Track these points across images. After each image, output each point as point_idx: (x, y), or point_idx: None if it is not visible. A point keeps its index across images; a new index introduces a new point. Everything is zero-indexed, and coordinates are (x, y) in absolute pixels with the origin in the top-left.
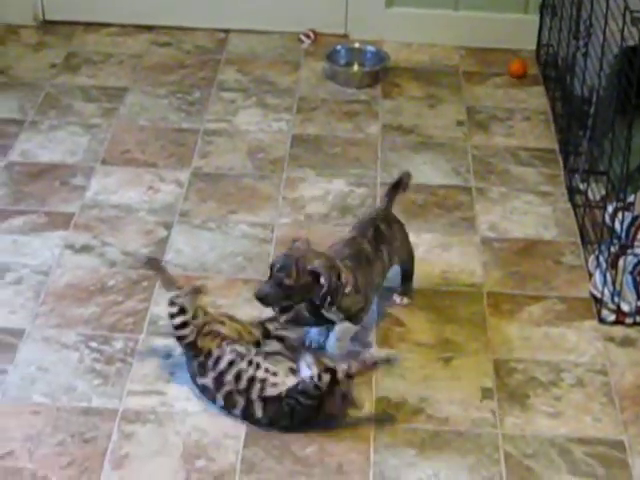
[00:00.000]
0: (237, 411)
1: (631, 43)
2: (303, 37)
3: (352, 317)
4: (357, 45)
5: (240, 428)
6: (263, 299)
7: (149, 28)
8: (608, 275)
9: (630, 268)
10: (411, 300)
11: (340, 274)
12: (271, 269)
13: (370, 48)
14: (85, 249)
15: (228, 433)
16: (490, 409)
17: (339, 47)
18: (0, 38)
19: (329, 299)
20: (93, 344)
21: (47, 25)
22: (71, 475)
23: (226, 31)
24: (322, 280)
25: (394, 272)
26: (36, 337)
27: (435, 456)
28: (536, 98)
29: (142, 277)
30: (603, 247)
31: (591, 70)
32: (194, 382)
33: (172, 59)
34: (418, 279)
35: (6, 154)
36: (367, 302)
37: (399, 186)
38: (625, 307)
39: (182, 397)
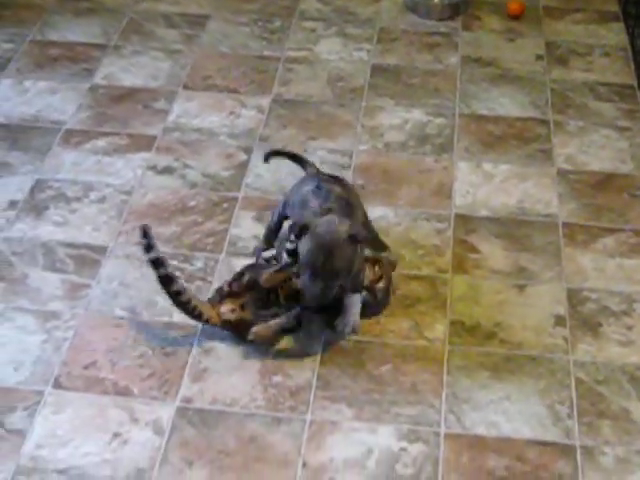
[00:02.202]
0: None
1: None
2: None
3: (360, 287)
4: None
5: (317, 347)
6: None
7: None
8: None
9: None
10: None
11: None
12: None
13: None
14: (167, 170)
15: (305, 351)
16: (562, 336)
17: None
18: None
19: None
20: (174, 262)
21: None
22: (151, 386)
23: None
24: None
25: None
26: (118, 254)
27: (507, 379)
28: (616, 34)
29: (222, 199)
30: None
31: None
32: None
33: None
34: (494, 208)
35: (90, 77)
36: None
37: (293, 155)
38: None
39: None
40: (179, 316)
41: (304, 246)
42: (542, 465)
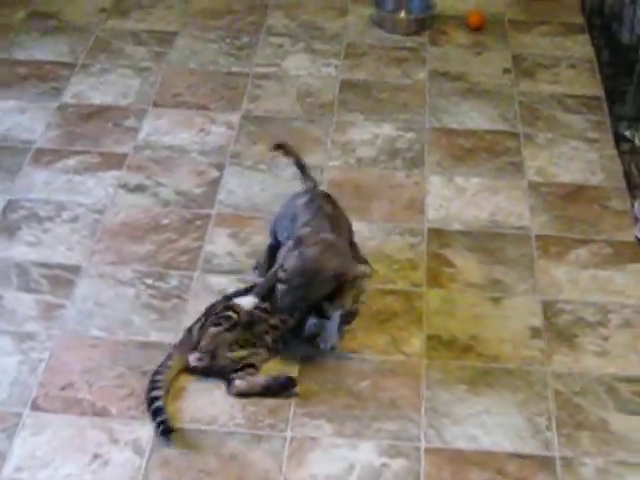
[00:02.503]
0: None
1: None
2: None
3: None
4: None
5: (295, 363)
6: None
7: None
8: None
9: None
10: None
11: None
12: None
13: None
14: (139, 188)
15: (283, 368)
16: (539, 348)
17: None
18: None
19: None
20: (149, 281)
21: None
22: (130, 406)
23: None
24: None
25: None
26: (92, 274)
27: (485, 392)
28: (581, 46)
29: (196, 216)
30: None
31: None
32: None
33: (220, 4)
34: (467, 222)
35: (59, 96)
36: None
37: (297, 159)
38: None
39: None
40: (155, 335)
41: (291, 259)
42: (522, 478)
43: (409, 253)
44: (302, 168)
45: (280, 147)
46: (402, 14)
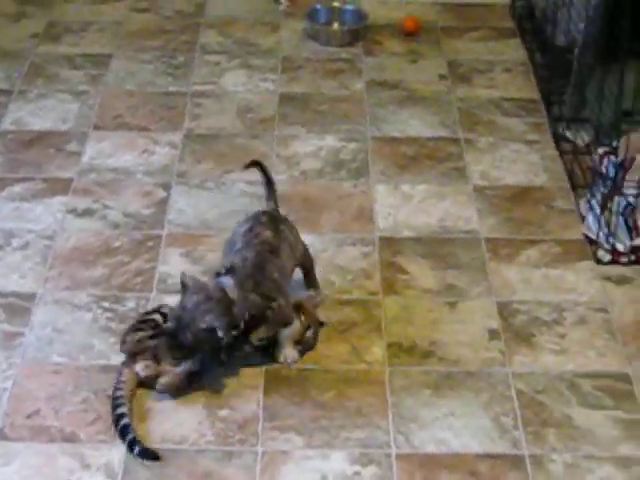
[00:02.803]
0: None
1: None
2: None
3: (288, 322)
4: (336, 4)
5: (259, 378)
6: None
7: None
8: (602, 217)
9: (621, 210)
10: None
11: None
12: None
13: (349, 7)
14: (87, 213)
15: (247, 383)
16: (498, 349)
17: (318, 6)
18: None
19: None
20: (105, 304)
21: None
22: (98, 430)
23: None
24: (219, 334)
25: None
26: (48, 300)
27: (450, 395)
28: (514, 50)
29: (147, 237)
30: (595, 190)
31: (575, 18)
32: None
33: (153, 24)
34: (417, 228)
35: None
36: (286, 297)
37: (268, 179)
38: (620, 247)
39: None
40: (116, 358)
41: (186, 295)
42: (494, 478)
43: (362, 262)
44: (270, 188)
45: (256, 164)
46: (335, 26)
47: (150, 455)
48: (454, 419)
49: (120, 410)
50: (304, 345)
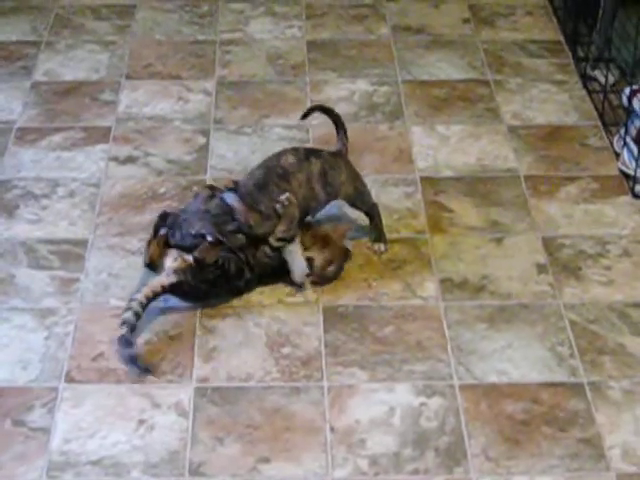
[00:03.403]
0: None
1: None
2: None
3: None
4: None
5: (318, 314)
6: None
7: None
8: (637, 152)
9: None
10: (387, 246)
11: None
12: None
13: None
14: (130, 160)
15: (306, 320)
16: (547, 282)
17: None
18: None
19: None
20: None
21: None
22: (164, 370)
23: None
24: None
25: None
26: (100, 246)
27: (505, 328)
28: None
29: (191, 182)
30: (629, 124)
31: None
32: None
33: None
34: (457, 168)
35: (30, 75)
36: (289, 217)
37: (335, 120)
38: None
39: (255, 292)
40: (174, 300)
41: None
42: (557, 404)
43: (407, 202)
44: (339, 129)
45: (319, 109)
46: None
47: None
48: (512, 351)
49: (125, 316)
50: (322, 278)
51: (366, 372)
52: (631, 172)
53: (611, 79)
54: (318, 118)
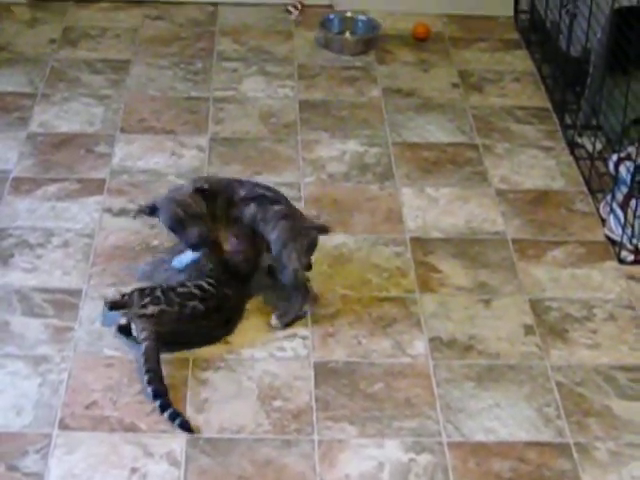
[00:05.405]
0: None
1: (625, 3)
2: (291, 8)
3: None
4: (349, 14)
5: (309, 370)
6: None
7: (138, 3)
8: (623, 218)
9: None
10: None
11: None
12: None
13: (361, 17)
14: (123, 212)
15: (297, 375)
16: (535, 343)
17: (332, 16)
18: None
19: None
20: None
21: (38, 2)
22: (157, 420)
23: (214, 4)
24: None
25: None
26: (94, 296)
27: (493, 387)
28: (521, 61)
29: None
30: (615, 192)
31: (595, 27)
32: None
33: (167, 32)
34: (445, 229)
35: (26, 126)
36: None
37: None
38: None
39: (246, 345)
40: (165, 352)
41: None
42: (544, 464)
43: (397, 261)
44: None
45: None
46: (348, 35)
47: (187, 427)
48: (499, 410)
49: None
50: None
51: (356, 427)
52: (617, 238)
53: (598, 146)
54: (309, 176)
